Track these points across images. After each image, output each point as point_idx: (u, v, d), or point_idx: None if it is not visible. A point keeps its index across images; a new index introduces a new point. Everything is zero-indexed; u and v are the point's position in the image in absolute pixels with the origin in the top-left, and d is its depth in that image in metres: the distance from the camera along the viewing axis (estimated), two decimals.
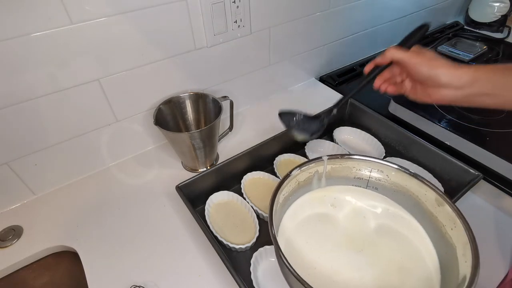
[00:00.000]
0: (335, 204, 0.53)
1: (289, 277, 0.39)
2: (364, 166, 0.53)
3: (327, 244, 0.48)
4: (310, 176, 0.52)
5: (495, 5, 1.16)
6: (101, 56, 0.59)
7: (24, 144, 0.60)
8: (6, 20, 0.48)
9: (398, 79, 0.53)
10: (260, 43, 0.78)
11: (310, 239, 0.48)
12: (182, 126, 0.72)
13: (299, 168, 0.50)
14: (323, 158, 0.51)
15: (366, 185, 0.54)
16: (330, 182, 0.55)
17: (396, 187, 0.51)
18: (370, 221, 0.50)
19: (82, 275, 0.53)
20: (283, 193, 0.48)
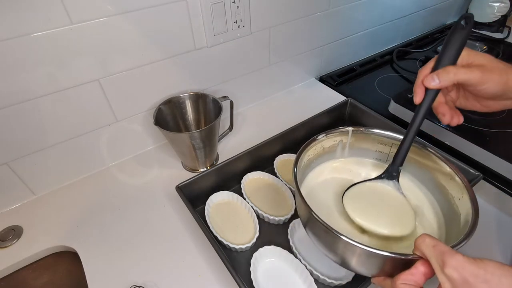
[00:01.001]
0: (355, 172, 0.56)
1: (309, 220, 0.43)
2: (386, 141, 0.53)
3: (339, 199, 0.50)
4: (335, 144, 0.55)
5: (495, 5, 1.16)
6: (101, 56, 0.59)
7: (24, 144, 0.60)
8: (6, 20, 0.48)
9: (453, 94, 0.45)
10: (260, 43, 0.78)
11: (328, 196, 0.52)
12: (182, 126, 0.72)
13: (325, 134, 0.52)
14: (347, 128, 0.53)
15: (386, 159, 0.55)
16: (352, 152, 0.57)
17: (413, 162, 0.52)
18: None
19: (82, 275, 0.53)
20: (308, 154, 0.52)
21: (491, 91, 0.39)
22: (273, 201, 0.62)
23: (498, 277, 0.27)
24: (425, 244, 0.32)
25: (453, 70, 0.39)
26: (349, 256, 0.39)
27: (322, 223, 0.38)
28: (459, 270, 0.29)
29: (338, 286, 0.49)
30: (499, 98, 0.41)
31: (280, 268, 0.52)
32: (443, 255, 0.30)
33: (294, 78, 0.94)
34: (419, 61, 1.05)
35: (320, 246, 0.44)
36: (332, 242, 0.40)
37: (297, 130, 0.71)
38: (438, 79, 0.39)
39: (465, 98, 0.44)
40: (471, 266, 0.28)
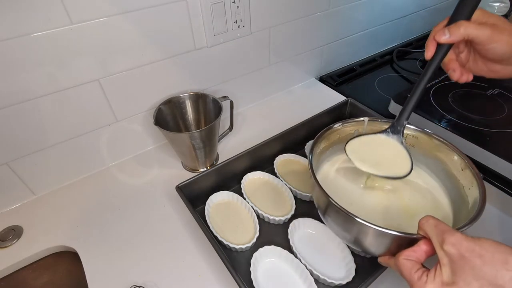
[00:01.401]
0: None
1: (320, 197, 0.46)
2: None
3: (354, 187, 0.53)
4: (351, 133, 0.56)
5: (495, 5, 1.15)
6: (101, 56, 0.59)
7: (24, 144, 0.60)
8: (6, 20, 0.48)
9: (462, 48, 0.44)
10: (260, 43, 0.78)
11: (339, 182, 0.54)
12: (182, 126, 0.72)
13: (342, 123, 0.54)
14: (363, 119, 0.54)
15: None
16: None
17: (427, 153, 0.53)
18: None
19: (82, 275, 0.53)
20: (324, 142, 0.53)
21: (499, 51, 0.39)
22: (273, 201, 0.62)
23: (492, 252, 0.29)
24: (428, 224, 0.34)
25: (464, 24, 0.39)
26: (361, 236, 0.42)
27: (337, 205, 0.41)
28: (457, 246, 0.30)
29: (338, 286, 0.49)
30: (506, 62, 0.41)
31: (280, 268, 0.52)
32: (443, 233, 0.32)
33: (294, 78, 0.94)
34: (419, 61, 1.05)
35: (334, 226, 0.47)
36: (346, 223, 0.43)
37: (297, 130, 0.71)
38: (448, 33, 0.40)
39: (475, 61, 0.44)
40: (467, 243, 0.30)
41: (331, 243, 0.54)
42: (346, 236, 0.46)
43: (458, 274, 0.30)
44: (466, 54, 0.44)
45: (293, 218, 0.57)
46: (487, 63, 0.42)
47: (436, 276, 0.32)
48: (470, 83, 0.86)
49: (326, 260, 0.52)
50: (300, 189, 0.62)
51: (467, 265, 0.30)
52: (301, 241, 0.55)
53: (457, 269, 0.30)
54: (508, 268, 0.28)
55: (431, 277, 0.32)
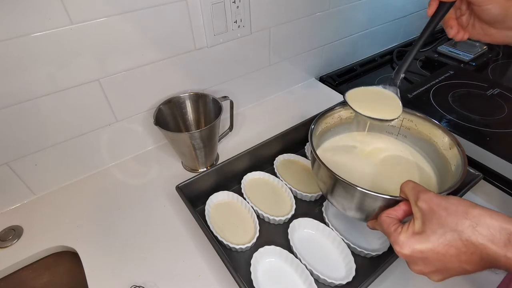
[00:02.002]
0: (365, 143, 0.61)
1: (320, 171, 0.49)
2: None
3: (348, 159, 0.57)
4: (351, 116, 0.60)
5: None
6: (101, 56, 0.59)
7: (24, 144, 0.60)
8: (6, 20, 0.48)
9: (455, 14, 0.49)
10: (260, 43, 0.78)
11: (338, 156, 0.58)
12: (182, 126, 0.72)
13: (342, 106, 0.58)
14: None
15: (397, 132, 0.60)
16: (368, 125, 0.61)
17: (421, 135, 0.57)
18: (386, 153, 0.59)
19: (82, 275, 0.53)
20: (326, 122, 0.57)
21: (493, 12, 0.43)
22: (273, 201, 0.62)
23: (456, 205, 0.33)
24: (407, 187, 0.39)
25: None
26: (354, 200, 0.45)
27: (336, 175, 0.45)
28: (428, 202, 0.35)
29: (338, 286, 0.49)
30: (500, 26, 0.44)
31: (280, 268, 0.52)
32: (418, 192, 0.37)
33: (294, 78, 0.94)
34: (419, 61, 1.05)
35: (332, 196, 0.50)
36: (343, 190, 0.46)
37: (297, 130, 0.71)
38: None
39: (473, 25, 0.47)
40: (437, 199, 0.35)
41: (331, 243, 0.54)
42: (344, 203, 0.48)
43: (426, 224, 0.34)
44: (466, 18, 0.48)
45: (293, 218, 0.57)
46: (483, 27, 0.46)
47: (409, 227, 0.36)
48: (470, 83, 0.86)
49: (326, 260, 0.52)
50: (300, 189, 0.62)
51: (434, 216, 0.34)
52: (301, 241, 0.55)
53: (426, 221, 0.34)
54: (467, 217, 0.32)
55: (405, 228, 0.36)
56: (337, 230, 0.55)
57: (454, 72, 0.90)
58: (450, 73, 0.90)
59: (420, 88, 0.84)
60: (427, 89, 0.84)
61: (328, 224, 0.56)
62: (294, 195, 0.62)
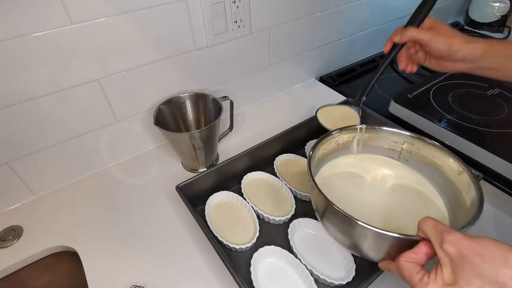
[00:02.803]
0: (367, 168, 0.58)
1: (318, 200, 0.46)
2: (397, 138, 0.56)
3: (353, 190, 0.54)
4: (349, 140, 0.57)
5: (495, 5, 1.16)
6: (101, 56, 0.59)
7: (24, 144, 0.60)
8: (6, 20, 0.48)
9: (412, 51, 0.57)
10: (260, 43, 0.78)
11: (338, 186, 0.55)
12: (182, 126, 0.72)
13: (339, 130, 0.55)
14: (361, 126, 0.56)
15: (398, 157, 0.57)
16: (366, 149, 0.59)
17: (424, 159, 0.54)
18: (393, 181, 0.56)
19: (82, 275, 0.53)
20: (323, 148, 0.54)
21: (439, 50, 0.51)
22: (273, 201, 0.62)
23: (491, 250, 0.29)
24: (426, 225, 0.34)
25: (410, 30, 0.51)
26: (360, 239, 0.42)
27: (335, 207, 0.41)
28: (456, 245, 0.30)
29: (338, 286, 0.49)
30: (448, 58, 0.52)
31: (280, 268, 0.52)
32: (442, 233, 0.32)
33: (294, 78, 0.94)
34: None
35: (332, 230, 0.47)
36: (345, 225, 0.43)
37: (297, 130, 0.71)
38: (399, 36, 0.52)
39: (429, 59, 0.55)
40: (466, 241, 0.30)
41: (331, 243, 0.54)
42: (345, 241, 0.46)
43: (458, 273, 0.30)
44: (422, 54, 0.56)
45: (293, 218, 0.57)
46: (437, 60, 0.54)
47: (437, 276, 0.31)
48: (470, 83, 0.86)
49: (326, 260, 0.52)
50: (300, 189, 0.62)
51: (466, 263, 0.29)
52: (301, 241, 0.55)
53: (457, 268, 0.30)
54: (508, 266, 0.28)
55: (432, 278, 0.32)
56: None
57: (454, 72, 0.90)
58: (450, 73, 0.90)
59: (420, 88, 0.84)
60: (427, 89, 0.84)
61: None
62: (294, 195, 0.62)
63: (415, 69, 0.58)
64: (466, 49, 0.49)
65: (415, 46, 0.56)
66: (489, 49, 0.49)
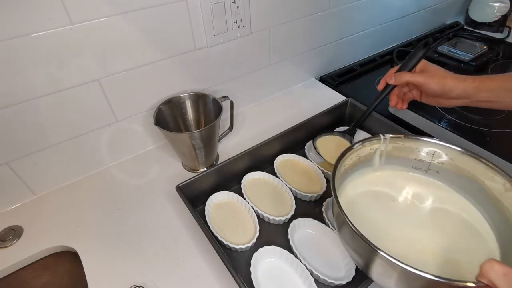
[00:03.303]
0: (395, 186, 0.52)
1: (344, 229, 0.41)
2: (427, 148, 0.51)
3: (383, 216, 0.48)
4: (371, 152, 0.53)
5: (495, 5, 1.16)
6: (101, 56, 0.59)
7: (24, 144, 0.60)
8: (6, 20, 0.48)
9: (405, 89, 0.62)
10: (260, 43, 0.78)
11: (365, 209, 0.49)
12: (182, 126, 0.72)
13: (361, 142, 0.51)
14: (385, 136, 0.51)
15: (427, 168, 0.52)
16: (390, 161, 0.54)
17: (460, 171, 0.48)
18: (427, 204, 0.50)
19: (82, 275, 0.53)
20: (344, 165, 0.49)
21: (433, 90, 0.55)
22: (273, 201, 0.62)
23: None
24: (494, 271, 0.29)
25: (404, 75, 0.57)
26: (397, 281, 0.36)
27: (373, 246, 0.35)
28: None
29: (338, 286, 0.49)
30: (443, 96, 0.56)
31: (280, 268, 0.52)
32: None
33: (294, 78, 0.94)
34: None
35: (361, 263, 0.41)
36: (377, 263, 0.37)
37: (297, 130, 0.71)
38: (394, 79, 0.58)
39: (426, 96, 0.59)
40: None
41: (331, 243, 0.54)
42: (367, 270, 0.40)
43: None
44: (416, 92, 0.60)
45: (293, 218, 0.57)
46: (434, 98, 0.58)
47: None
48: None
49: (326, 260, 0.52)
50: (300, 189, 0.62)
51: None
52: (301, 241, 0.55)
53: None
54: None
55: None
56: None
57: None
58: None
59: None
60: None
61: (328, 224, 0.56)
62: (294, 195, 0.62)
63: (405, 107, 0.62)
64: (459, 88, 0.53)
65: (409, 85, 0.60)
66: (480, 85, 0.52)
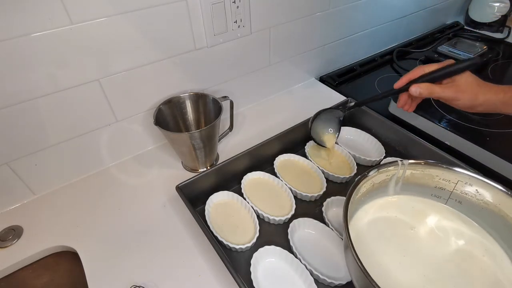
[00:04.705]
0: (409, 215, 0.48)
1: (353, 267, 0.39)
2: (450, 177, 0.47)
3: (396, 251, 0.45)
4: (387, 179, 0.48)
5: (495, 5, 1.16)
6: (101, 56, 0.59)
7: (24, 144, 0.60)
8: (6, 20, 0.48)
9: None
10: (260, 43, 0.78)
11: (379, 241, 0.45)
12: (182, 126, 0.72)
13: (377, 169, 0.46)
14: (403, 162, 0.47)
15: (448, 197, 0.48)
16: (407, 188, 0.50)
17: (485, 205, 0.44)
18: (445, 243, 0.45)
19: (82, 275, 0.53)
20: (358, 193, 0.46)
21: (462, 105, 0.52)
22: (273, 201, 0.62)
23: None
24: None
25: (434, 89, 0.51)
26: None
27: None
28: None
29: (338, 286, 0.49)
30: (470, 110, 0.52)
31: (280, 268, 0.52)
32: None
33: (294, 78, 0.94)
34: (419, 61, 1.05)
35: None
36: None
37: (297, 130, 0.71)
38: (419, 91, 0.52)
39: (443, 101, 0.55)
40: None
41: (331, 243, 0.54)
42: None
43: None
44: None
45: (293, 218, 0.57)
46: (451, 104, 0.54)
47: None
48: None
49: (326, 260, 0.52)
50: (300, 189, 0.62)
51: None
52: (301, 241, 0.55)
53: None
54: None
55: None
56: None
57: None
58: None
59: None
60: None
61: (328, 224, 0.56)
62: (294, 195, 0.62)
63: (412, 110, 0.59)
64: (489, 102, 0.50)
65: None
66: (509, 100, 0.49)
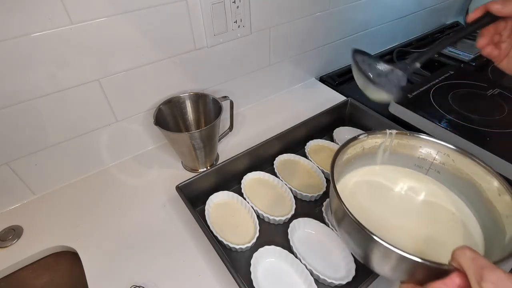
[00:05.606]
0: (393, 179, 0.54)
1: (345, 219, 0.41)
2: (431, 148, 0.52)
3: (380, 205, 0.50)
4: (376, 145, 0.53)
5: None
6: (101, 56, 0.59)
7: (24, 144, 0.60)
8: (6, 20, 0.48)
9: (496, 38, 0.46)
10: (260, 43, 0.78)
11: (362, 195, 0.51)
12: (182, 126, 0.72)
13: (367, 134, 0.51)
14: (391, 131, 0.52)
15: (428, 167, 0.53)
16: (393, 157, 0.55)
17: (459, 173, 0.49)
18: (423, 197, 0.52)
19: (82, 275, 0.53)
20: (347, 153, 0.50)
21: None
22: (273, 201, 0.62)
23: None
24: (464, 256, 0.30)
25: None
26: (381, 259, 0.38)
27: (358, 224, 0.38)
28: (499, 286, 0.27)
29: (338, 286, 0.49)
30: None
31: (280, 268, 0.52)
32: (482, 269, 0.28)
33: (294, 78, 0.94)
34: None
35: (354, 247, 0.43)
36: (368, 244, 0.39)
37: (297, 130, 0.71)
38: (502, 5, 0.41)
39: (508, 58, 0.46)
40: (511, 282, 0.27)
41: (331, 243, 0.54)
42: (362, 256, 0.42)
43: None
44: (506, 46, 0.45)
45: (293, 218, 0.57)
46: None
47: None
48: (470, 83, 0.86)
49: (326, 260, 0.52)
50: (300, 189, 0.62)
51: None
52: (301, 241, 0.55)
53: None
54: None
55: None
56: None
57: (454, 72, 0.90)
58: (450, 73, 0.90)
59: (420, 88, 0.84)
60: (427, 89, 0.84)
61: (328, 224, 0.56)
62: (294, 195, 0.62)
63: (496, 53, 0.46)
64: None
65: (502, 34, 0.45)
66: None
